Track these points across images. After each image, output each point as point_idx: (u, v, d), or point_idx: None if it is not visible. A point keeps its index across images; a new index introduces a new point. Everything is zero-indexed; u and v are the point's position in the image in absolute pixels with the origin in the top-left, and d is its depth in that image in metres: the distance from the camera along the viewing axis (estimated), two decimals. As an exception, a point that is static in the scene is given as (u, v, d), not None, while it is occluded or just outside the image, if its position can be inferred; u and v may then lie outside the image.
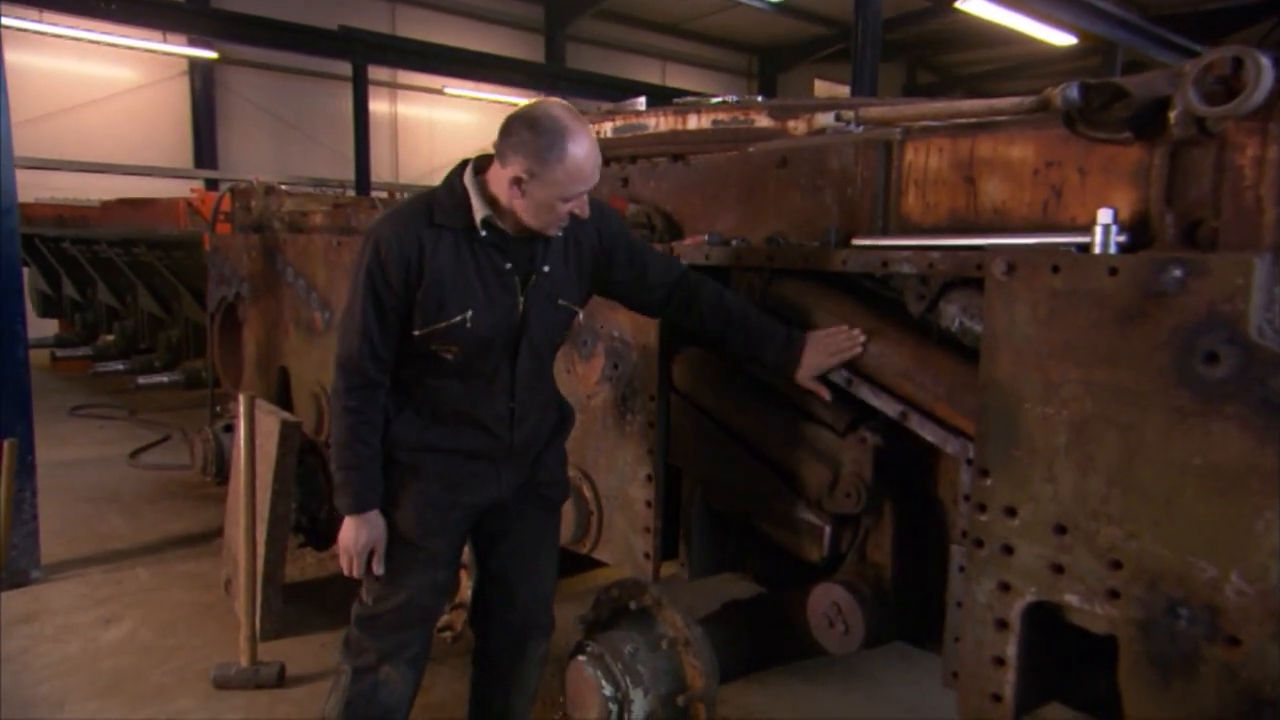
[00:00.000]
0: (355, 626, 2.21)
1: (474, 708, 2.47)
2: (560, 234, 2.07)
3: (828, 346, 2.08)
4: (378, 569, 2.13)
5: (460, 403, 2.10)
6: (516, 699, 2.40)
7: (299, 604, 3.76)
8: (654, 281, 2.22)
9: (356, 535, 2.09)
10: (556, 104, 1.94)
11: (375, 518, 2.11)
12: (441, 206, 2.02)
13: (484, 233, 2.00)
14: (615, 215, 2.27)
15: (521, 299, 2.05)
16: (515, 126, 1.91)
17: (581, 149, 1.91)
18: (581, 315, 2.25)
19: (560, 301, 2.13)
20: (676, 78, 19.38)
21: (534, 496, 2.28)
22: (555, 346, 2.23)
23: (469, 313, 1.99)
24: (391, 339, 2.03)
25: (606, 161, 2.99)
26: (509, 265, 2.03)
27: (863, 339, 2.05)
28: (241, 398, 3.35)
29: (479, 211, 1.99)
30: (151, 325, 8.32)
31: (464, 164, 2.06)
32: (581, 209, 1.99)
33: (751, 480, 2.35)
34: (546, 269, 2.07)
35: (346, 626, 2.23)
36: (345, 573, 2.14)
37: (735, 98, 2.71)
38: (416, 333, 2.01)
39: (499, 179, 1.96)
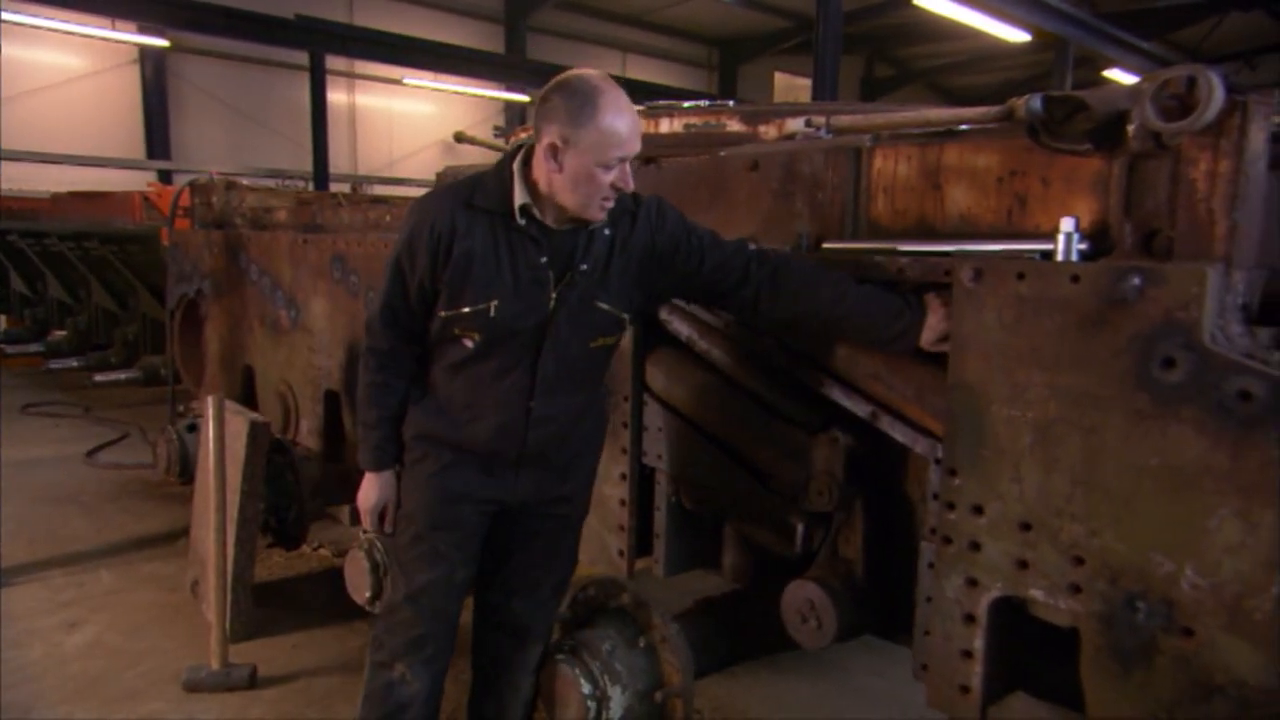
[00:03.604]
0: (380, 620, 2.25)
1: (470, 711, 2.45)
2: (608, 232, 1.98)
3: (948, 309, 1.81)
4: (388, 527, 2.22)
5: (475, 395, 2.04)
6: (509, 700, 2.35)
7: (269, 605, 3.73)
8: (724, 269, 2.06)
9: (368, 493, 2.19)
10: (592, 71, 1.90)
11: (388, 478, 2.19)
12: (484, 189, 1.97)
13: (521, 221, 1.93)
14: (673, 213, 2.09)
15: (554, 296, 1.96)
16: (548, 94, 1.85)
17: (616, 109, 1.82)
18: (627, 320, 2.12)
19: (599, 304, 2.01)
20: (637, 69, 19.38)
21: (553, 515, 2.24)
22: (593, 353, 2.09)
23: (494, 302, 1.94)
24: (414, 312, 2.05)
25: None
26: (544, 259, 1.95)
27: None
28: (210, 399, 3.32)
29: (519, 197, 1.92)
30: (106, 321, 8.14)
31: (518, 149, 1.99)
32: (624, 181, 1.88)
33: (725, 479, 2.40)
34: (584, 268, 1.97)
35: (321, 628, 2.25)
36: (365, 526, 2.24)
37: (707, 102, 2.74)
38: (442, 313, 1.99)
39: (538, 160, 1.90)
